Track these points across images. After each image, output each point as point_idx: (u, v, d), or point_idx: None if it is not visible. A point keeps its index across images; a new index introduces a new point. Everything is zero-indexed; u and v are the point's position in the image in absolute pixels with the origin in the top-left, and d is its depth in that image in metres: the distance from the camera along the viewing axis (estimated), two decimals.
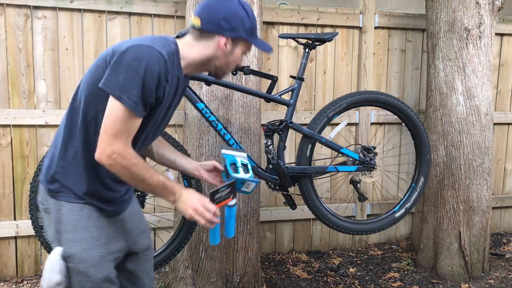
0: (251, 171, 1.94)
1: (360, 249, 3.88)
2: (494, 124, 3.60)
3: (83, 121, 1.53)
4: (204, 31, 1.56)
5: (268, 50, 1.72)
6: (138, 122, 1.47)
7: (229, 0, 1.57)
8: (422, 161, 2.80)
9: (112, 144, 1.44)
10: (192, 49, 1.58)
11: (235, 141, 2.43)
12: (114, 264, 1.64)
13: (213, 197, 1.64)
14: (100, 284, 1.56)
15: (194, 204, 1.57)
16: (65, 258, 1.53)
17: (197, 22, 1.56)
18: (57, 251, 1.53)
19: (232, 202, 1.73)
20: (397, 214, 2.78)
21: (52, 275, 1.51)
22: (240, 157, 1.97)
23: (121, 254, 1.67)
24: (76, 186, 1.56)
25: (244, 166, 1.93)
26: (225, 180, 1.92)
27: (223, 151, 2.00)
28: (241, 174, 1.87)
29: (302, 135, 2.58)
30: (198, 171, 1.92)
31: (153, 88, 1.44)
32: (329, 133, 2.78)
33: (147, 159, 1.91)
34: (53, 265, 1.51)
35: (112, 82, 1.42)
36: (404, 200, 2.82)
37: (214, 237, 1.73)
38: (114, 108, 1.43)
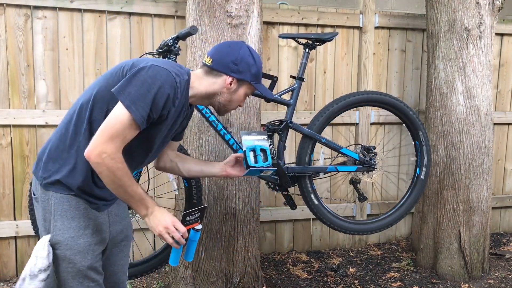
0: (269, 157, 2.03)
1: (360, 249, 3.88)
2: (494, 124, 3.60)
3: (89, 119, 1.62)
4: (214, 69, 1.75)
5: (269, 96, 1.94)
6: (135, 132, 1.57)
7: (239, 46, 1.78)
8: (408, 118, 2.73)
9: (105, 144, 1.52)
10: (201, 82, 1.75)
11: (235, 141, 2.43)
12: (101, 255, 1.72)
13: (184, 218, 1.70)
14: (84, 272, 1.65)
15: (166, 222, 1.65)
16: (53, 245, 1.62)
17: (208, 61, 1.75)
18: (45, 238, 1.62)
19: (199, 226, 1.78)
20: (422, 175, 2.77)
21: (38, 260, 1.58)
22: (260, 141, 2.06)
23: (104, 245, 1.76)
24: (70, 180, 1.63)
25: (263, 152, 2.02)
26: (245, 167, 2.02)
27: (243, 137, 2.08)
28: (260, 163, 1.99)
29: (302, 135, 2.58)
30: (225, 171, 2.06)
31: (160, 107, 1.58)
32: (327, 136, 2.76)
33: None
34: (41, 251, 1.59)
35: (125, 91, 1.54)
36: (419, 160, 2.79)
37: (176, 258, 1.77)
38: (120, 114, 1.54)
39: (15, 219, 3.12)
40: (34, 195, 1.71)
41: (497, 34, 3.80)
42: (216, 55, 1.76)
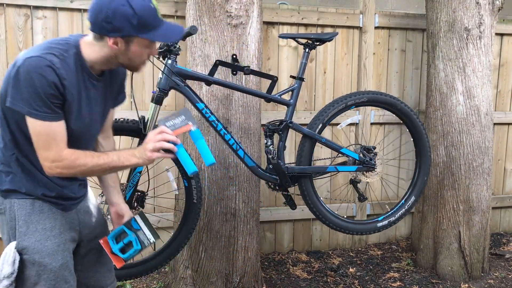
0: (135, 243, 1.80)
1: (360, 249, 3.88)
2: (494, 124, 3.60)
3: (8, 129, 1.58)
4: (95, 33, 1.55)
5: (170, 38, 1.63)
6: (60, 126, 1.52)
7: None
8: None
9: (47, 158, 1.51)
10: (92, 50, 1.58)
11: (235, 141, 2.43)
12: (71, 253, 1.69)
13: (164, 125, 1.63)
14: (57, 273, 1.62)
15: (148, 146, 1.60)
16: (20, 251, 1.58)
17: (88, 25, 1.56)
18: (11, 245, 1.58)
19: (193, 127, 1.68)
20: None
21: (4, 267, 1.55)
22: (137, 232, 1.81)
23: (74, 244, 1.73)
24: (29, 187, 1.60)
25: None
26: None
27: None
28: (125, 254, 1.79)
29: (302, 135, 2.58)
30: (113, 206, 1.88)
31: (52, 94, 1.47)
32: (327, 135, 2.76)
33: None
34: (6, 257, 1.56)
35: (17, 100, 1.47)
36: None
37: (190, 165, 1.66)
38: (31, 125, 1.49)
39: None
40: None
41: (497, 34, 3.79)
42: (90, 16, 1.52)
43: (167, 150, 1.63)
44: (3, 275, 1.55)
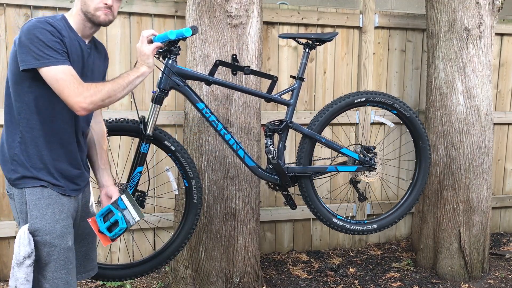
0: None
1: (360, 249, 3.89)
2: (494, 124, 3.60)
3: (19, 107, 1.71)
4: None
5: None
6: (70, 68, 1.67)
7: None
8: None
9: (74, 93, 1.64)
10: (71, 14, 1.83)
11: (235, 141, 2.43)
12: (73, 236, 1.83)
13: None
14: (65, 253, 1.76)
15: (143, 49, 1.89)
16: (32, 232, 1.71)
17: None
18: (24, 227, 1.71)
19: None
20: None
21: (21, 248, 1.67)
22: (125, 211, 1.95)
23: (73, 228, 1.86)
24: (37, 171, 1.73)
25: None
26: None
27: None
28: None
29: (302, 135, 2.58)
30: (103, 188, 2.02)
31: (56, 41, 1.66)
32: (329, 135, 2.76)
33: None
34: (22, 239, 1.68)
35: (28, 59, 1.63)
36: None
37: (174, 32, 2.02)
38: (49, 74, 1.64)
39: (15, 219, 3.12)
40: (7, 192, 1.81)
41: (497, 34, 3.80)
42: None
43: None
44: (23, 256, 1.67)
